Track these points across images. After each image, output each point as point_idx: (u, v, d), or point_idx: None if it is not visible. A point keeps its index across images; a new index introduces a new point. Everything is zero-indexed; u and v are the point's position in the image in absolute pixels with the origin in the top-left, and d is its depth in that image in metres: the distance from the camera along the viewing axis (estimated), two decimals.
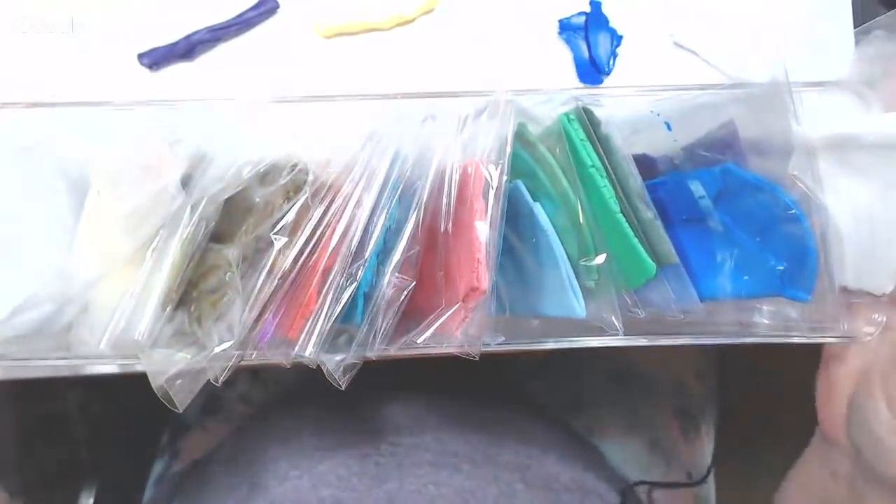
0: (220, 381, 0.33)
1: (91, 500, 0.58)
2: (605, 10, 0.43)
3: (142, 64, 0.41)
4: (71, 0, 0.41)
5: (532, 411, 0.59)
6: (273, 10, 0.42)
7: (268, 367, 0.63)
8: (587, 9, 0.44)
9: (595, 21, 0.43)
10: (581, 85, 0.42)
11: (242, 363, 0.43)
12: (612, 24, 0.43)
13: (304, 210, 0.33)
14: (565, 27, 0.43)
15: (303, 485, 0.47)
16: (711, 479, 0.63)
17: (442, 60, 0.42)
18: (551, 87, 0.39)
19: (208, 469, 0.56)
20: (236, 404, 0.63)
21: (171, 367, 0.33)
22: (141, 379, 0.42)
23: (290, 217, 0.33)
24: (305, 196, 0.33)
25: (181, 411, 0.33)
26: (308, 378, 0.63)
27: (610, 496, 0.52)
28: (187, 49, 0.41)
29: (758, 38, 0.42)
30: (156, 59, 0.41)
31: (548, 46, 0.43)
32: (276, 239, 0.33)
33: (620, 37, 0.44)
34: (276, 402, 0.61)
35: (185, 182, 0.34)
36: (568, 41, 0.43)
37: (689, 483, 0.60)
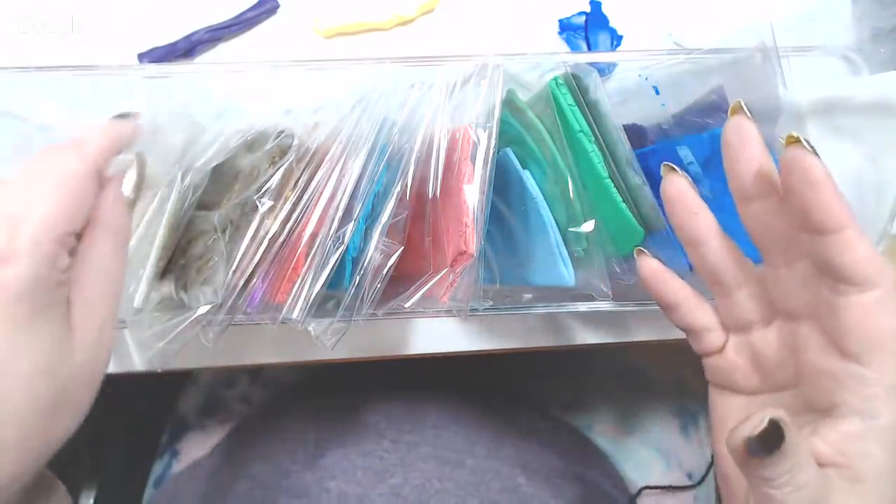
0: (211, 342, 0.33)
1: (91, 501, 0.58)
2: (605, 10, 0.44)
3: (142, 64, 0.41)
4: (71, 0, 0.41)
5: (532, 409, 0.59)
6: (273, 10, 0.42)
7: (267, 367, 0.63)
8: (587, 9, 0.44)
9: (595, 21, 0.43)
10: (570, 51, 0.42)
11: (242, 363, 0.43)
12: (612, 24, 0.44)
13: (289, 174, 0.33)
14: (565, 27, 0.43)
15: (306, 478, 0.47)
16: (711, 478, 0.63)
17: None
18: (539, 51, 0.38)
19: (207, 468, 0.56)
20: (236, 405, 0.63)
21: (156, 331, 0.32)
22: (141, 379, 0.43)
23: (274, 181, 0.33)
24: (290, 160, 0.33)
25: (160, 371, 0.33)
26: (307, 379, 0.63)
27: (613, 492, 0.53)
28: (187, 49, 0.41)
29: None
30: (156, 59, 0.41)
31: (548, 46, 0.43)
32: (260, 203, 0.32)
33: (620, 37, 0.44)
34: (275, 403, 0.61)
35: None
36: (568, 41, 0.43)
37: (689, 486, 0.60)
